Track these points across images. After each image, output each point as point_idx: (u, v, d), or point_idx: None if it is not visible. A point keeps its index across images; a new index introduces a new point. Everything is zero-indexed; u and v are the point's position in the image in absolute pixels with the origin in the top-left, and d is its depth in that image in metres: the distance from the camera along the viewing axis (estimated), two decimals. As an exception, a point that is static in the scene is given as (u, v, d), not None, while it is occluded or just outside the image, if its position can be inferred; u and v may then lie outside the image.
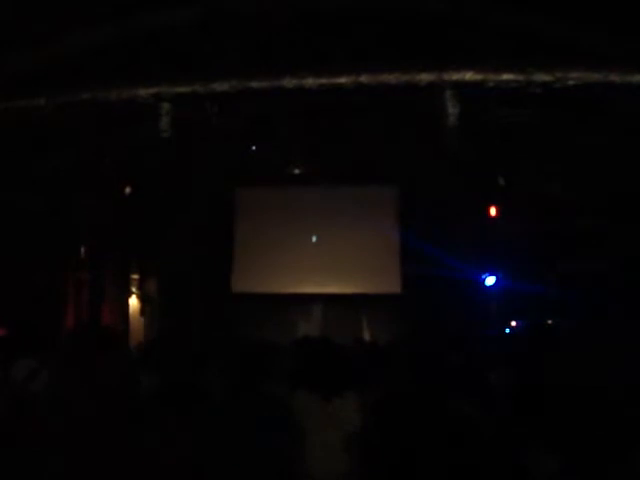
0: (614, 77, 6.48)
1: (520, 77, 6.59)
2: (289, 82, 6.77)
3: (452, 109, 8.02)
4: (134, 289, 13.05)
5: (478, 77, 6.67)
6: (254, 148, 11.67)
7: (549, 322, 10.48)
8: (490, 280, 12.51)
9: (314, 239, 13.39)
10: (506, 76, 6.62)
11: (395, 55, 7.06)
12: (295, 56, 7.23)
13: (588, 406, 2.38)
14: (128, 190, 11.83)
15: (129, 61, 7.29)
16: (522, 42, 6.85)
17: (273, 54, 7.38)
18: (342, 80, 6.81)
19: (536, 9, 6.79)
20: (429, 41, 7.02)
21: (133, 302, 12.96)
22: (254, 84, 6.88)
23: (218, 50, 7.50)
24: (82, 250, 11.46)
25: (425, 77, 6.69)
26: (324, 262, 13.00)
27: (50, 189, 9.79)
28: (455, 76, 6.70)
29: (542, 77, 6.56)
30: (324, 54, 7.25)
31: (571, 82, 6.51)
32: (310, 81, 6.79)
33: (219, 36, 7.40)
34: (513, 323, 11.58)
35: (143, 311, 13.15)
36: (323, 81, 6.84)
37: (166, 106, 7.45)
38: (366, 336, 12.30)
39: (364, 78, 6.79)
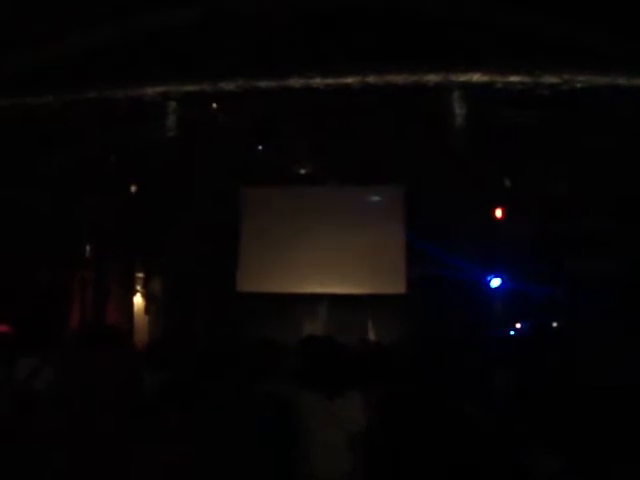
0: (621, 80, 6.48)
1: (528, 79, 6.58)
2: (296, 82, 6.78)
3: (459, 110, 8.02)
4: (139, 287, 13.06)
5: (486, 79, 6.67)
6: (260, 147, 11.67)
7: (554, 324, 10.45)
8: (495, 281, 12.45)
9: (319, 239, 13.35)
10: (514, 78, 6.62)
11: (398, 56, 7.03)
12: (295, 57, 7.21)
13: (589, 406, 2.38)
14: (133, 188, 11.84)
15: (129, 61, 7.28)
16: (524, 43, 6.83)
17: (273, 54, 7.35)
18: (349, 80, 6.81)
19: (536, 9, 6.76)
20: (434, 42, 6.99)
21: (138, 300, 12.97)
22: (262, 83, 6.88)
23: (218, 50, 7.49)
24: (87, 248, 11.49)
25: (433, 78, 6.68)
26: (329, 262, 12.97)
27: (55, 187, 9.81)
28: (462, 77, 6.70)
29: (550, 79, 6.55)
30: (324, 54, 7.23)
31: (578, 84, 6.50)
32: (317, 81, 6.78)
33: (219, 36, 7.38)
34: (518, 325, 11.53)
35: (148, 309, 13.16)
36: (330, 81, 6.84)
37: (173, 105, 7.46)
38: (371, 336, 12.28)
39: (371, 78, 6.78)
